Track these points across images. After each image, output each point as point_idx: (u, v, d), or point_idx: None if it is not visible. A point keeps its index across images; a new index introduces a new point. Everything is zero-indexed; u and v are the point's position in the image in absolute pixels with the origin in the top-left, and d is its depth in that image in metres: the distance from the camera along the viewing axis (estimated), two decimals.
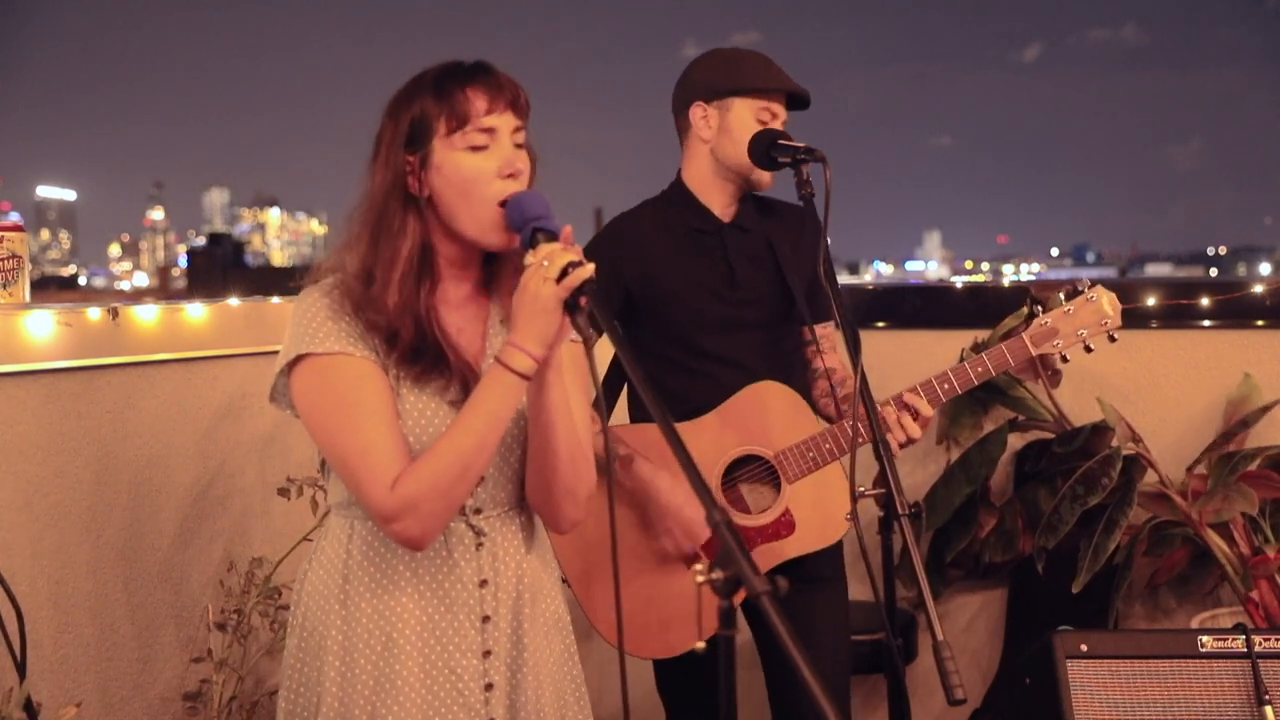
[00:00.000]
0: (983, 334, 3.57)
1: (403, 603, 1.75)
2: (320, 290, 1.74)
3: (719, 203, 2.58)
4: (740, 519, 2.48)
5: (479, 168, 1.70)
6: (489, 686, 1.77)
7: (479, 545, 1.79)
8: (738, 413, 2.51)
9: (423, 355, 1.71)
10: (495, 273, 1.82)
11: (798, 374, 2.62)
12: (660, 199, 2.65)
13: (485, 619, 1.78)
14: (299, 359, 1.70)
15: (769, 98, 2.52)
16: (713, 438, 2.48)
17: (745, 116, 2.51)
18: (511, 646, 1.81)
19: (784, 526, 2.48)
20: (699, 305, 2.53)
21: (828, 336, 2.67)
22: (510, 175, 1.71)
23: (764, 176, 2.54)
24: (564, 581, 2.50)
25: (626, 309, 2.55)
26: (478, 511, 1.79)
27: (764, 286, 2.57)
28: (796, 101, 2.58)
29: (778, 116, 2.53)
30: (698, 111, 2.55)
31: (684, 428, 2.47)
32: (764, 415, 2.50)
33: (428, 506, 1.65)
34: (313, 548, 1.86)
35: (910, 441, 2.42)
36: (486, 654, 1.78)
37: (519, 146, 1.74)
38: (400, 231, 1.71)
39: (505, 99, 1.73)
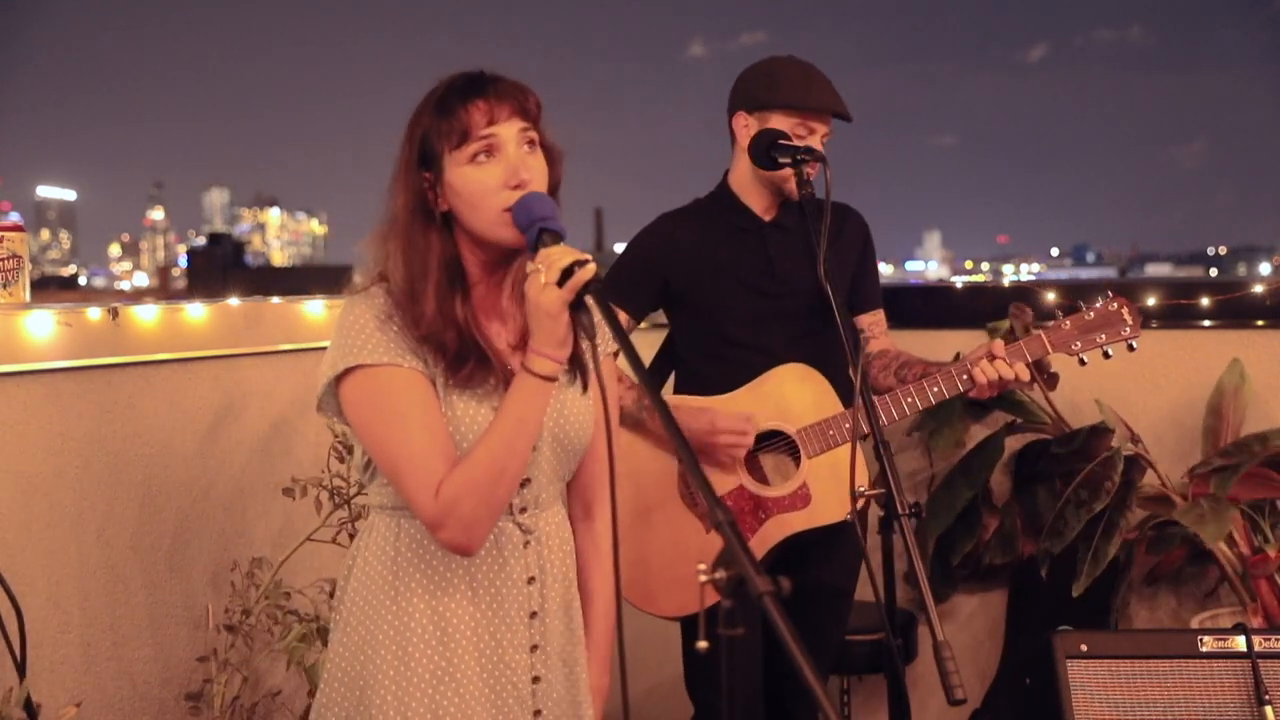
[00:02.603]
0: (979, 335, 3.57)
1: (456, 599, 1.79)
2: (366, 300, 1.76)
3: (760, 204, 2.69)
4: (760, 489, 2.60)
5: (484, 181, 1.72)
6: (536, 679, 1.83)
7: (526, 544, 1.83)
8: (764, 390, 2.64)
9: (466, 360, 1.75)
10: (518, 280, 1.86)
11: (832, 366, 2.66)
12: (708, 199, 2.78)
13: (533, 614, 1.83)
14: (348, 370, 1.72)
15: (807, 115, 2.58)
16: (742, 410, 2.60)
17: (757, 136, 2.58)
18: (561, 640, 1.86)
19: (800, 499, 2.60)
20: (735, 298, 2.66)
21: (878, 322, 2.82)
22: (516, 186, 1.72)
23: (792, 186, 2.59)
24: None
25: (665, 299, 2.71)
26: (523, 510, 1.83)
27: (802, 281, 2.65)
28: (838, 115, 2.63)
29: (815, 132, 2.59)
30: (740, 121, 2.65)
31: (714, 401, 2.62)
32: (789, 394, 2.63)
33: (468, 511, 1.68)
34: (355, 546, 1.88)
35: (1000, 380, 2.49)
36: (534, 648, 1.83)
37: (532, 149, 1.75)
38: (427, 248, 1.75)
39: (508, 107, 1.74)
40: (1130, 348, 2.56)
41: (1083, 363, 2.56)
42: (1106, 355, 2.54)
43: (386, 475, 1.75)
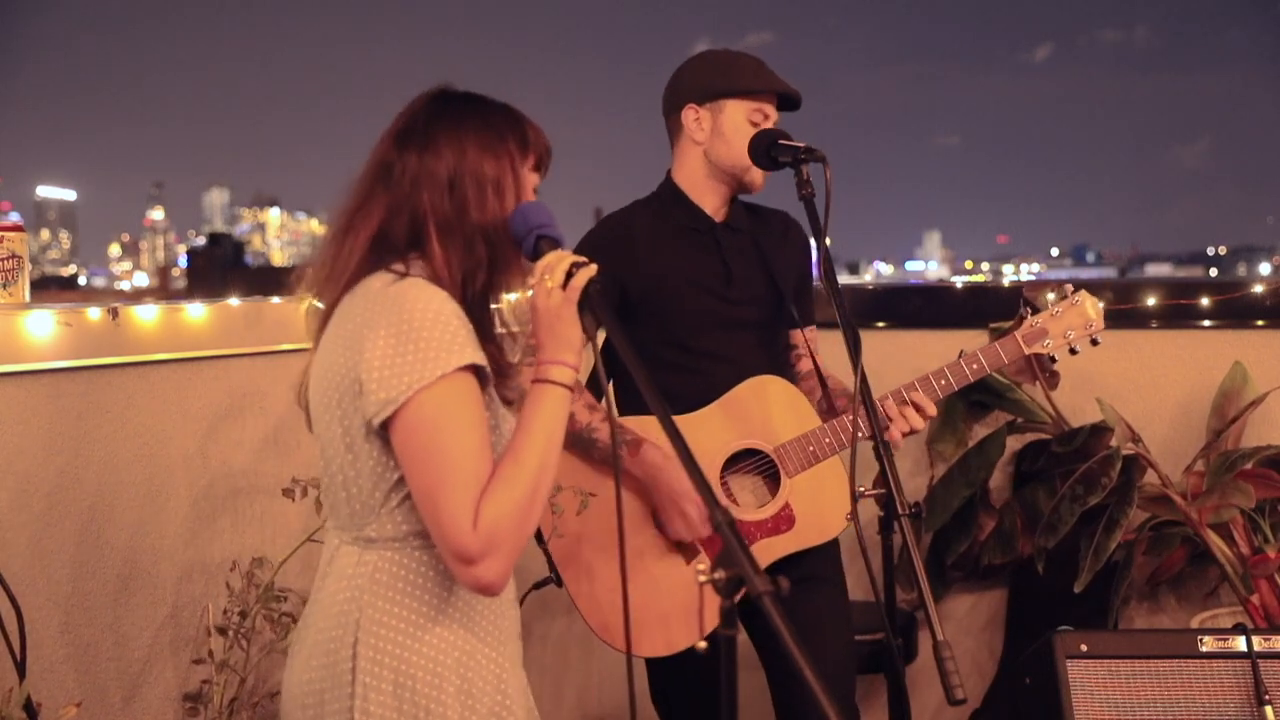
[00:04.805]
0: (979, 336, 3.58)
1: (504, 627, 1.72)
2: (429, 288, 1.62)
3: (711, 203, 2.59)
4: (740, 514, 2.48)
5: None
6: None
7: None
8: (738, 406, 2.51)
9: (507, 365, 1.70)
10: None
11: (788, 373, 2.63)
12: (652, 199, 2.65)
13: (518, 636, 1.80)
14: (445, 374, 1.55)
15: (761, 99, 2.53)
16: (712, 431, 2.49)
17: (738, 118, 2.51)
18: (521, 661, 1.83)
19: (784, 521, 2.48)
20: (696, 303, 2.54)
21: (812, 339, 2.70)
22: None
23: (756, 177, 2.55)
24: (558, 580, 2.50)
25: (621, 308, 2.54)
26: None
27: (758, 286, 2.59)
28: (788, 102, 2.59)
29: (770, 118, 2.54)
30: (690, 114, 2.55)
31: (683, 420, 2.47)
32: (763, 409, 2.51)
33: (510, 540, 1.56)
34: (349, 600, 1.66)
35: (911, 431, 2.45)
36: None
37: None
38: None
39: None
40: (1094, 342, 2.54)
41: (1053, 360, 2.56)
42: (1073, 351, 2.53)
43: (422, 498, 1.56)
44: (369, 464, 1.63)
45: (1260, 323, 3.55)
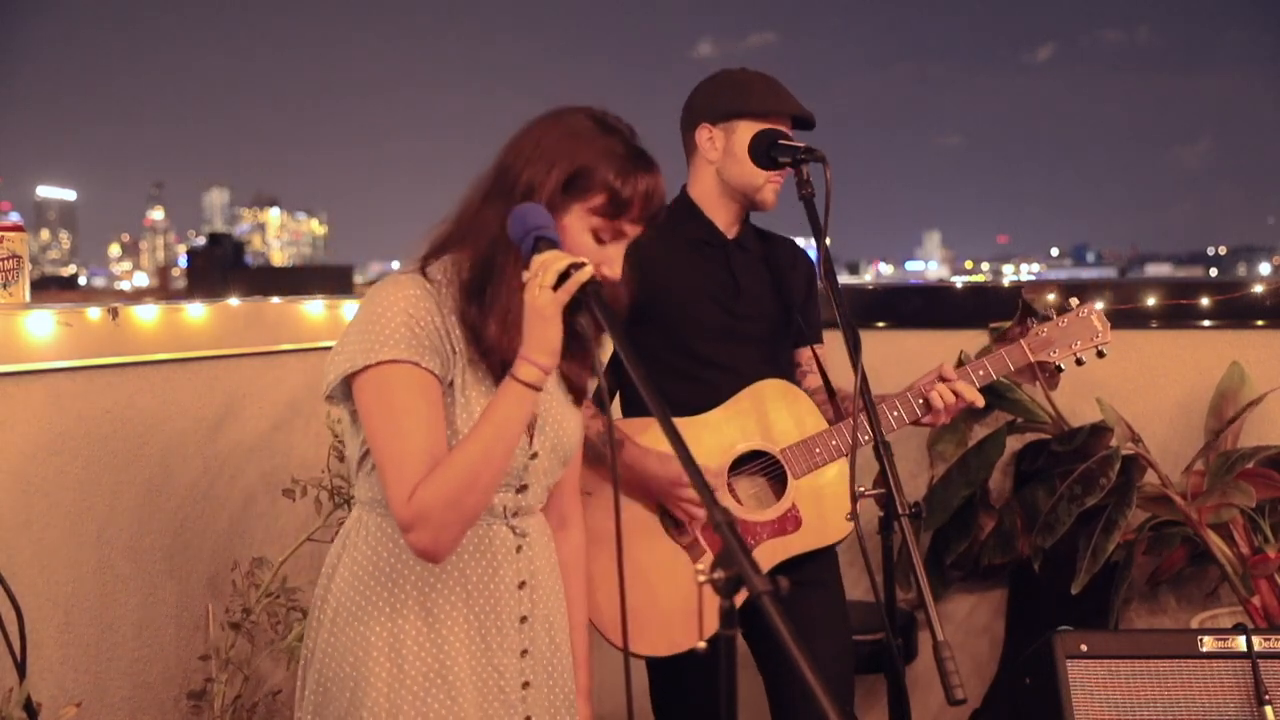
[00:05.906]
0: (979, 336, 3.58)
1: (450, 600, 1.78)
2: (398, 289, 1.75)
3: (723, 220, 2.62)
4: (747, 514, 2.49)
5: (588, 250, 1.76)
6: (525, 684, 1.84)
7: (519, 548, 1.84)
8: (743, 409, 2.52)
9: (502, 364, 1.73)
10: None
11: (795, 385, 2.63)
12: (666, 212, 2.66)
13: (523, 619, 1.84)
14: (370, 365, 1.71)
15: (774, 120, 2.54)
16: (718, 433, 2.50)
17: (749, 139, 2.53)
18: (548, 645, 1.88)
19: (790, 522, 2.49)
20: (703, 313, 2.56)
21: (821, 355, 2.72)
22: (600, 264, 1.76)
23: (768, 196, 2.56)
24: None
25: (629, 315, 2.54)
26: (516, 514, 1.84)
27: (765, 302, 2.61)
28: (802, 123, 2.61)
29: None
30: (703, 133, 2.58)
31: (689, 422, 2.49)
32: (770, 412, 2.53)
33: (437, 517, 1.66)
34: (339, 546, 1.86)
35: (959, 403, 2.43)
36: (524, 653, 1.84)
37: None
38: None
39: (652, 215, 1.83)
40: (1100, 354, 2.56)
41: (1059, 369, 2.57)
42: (1079, 362, 2.55)
43: (377, 469, 1.74)
44: (348, 432, 1.85)
45: (1260, 323, 3.55)
